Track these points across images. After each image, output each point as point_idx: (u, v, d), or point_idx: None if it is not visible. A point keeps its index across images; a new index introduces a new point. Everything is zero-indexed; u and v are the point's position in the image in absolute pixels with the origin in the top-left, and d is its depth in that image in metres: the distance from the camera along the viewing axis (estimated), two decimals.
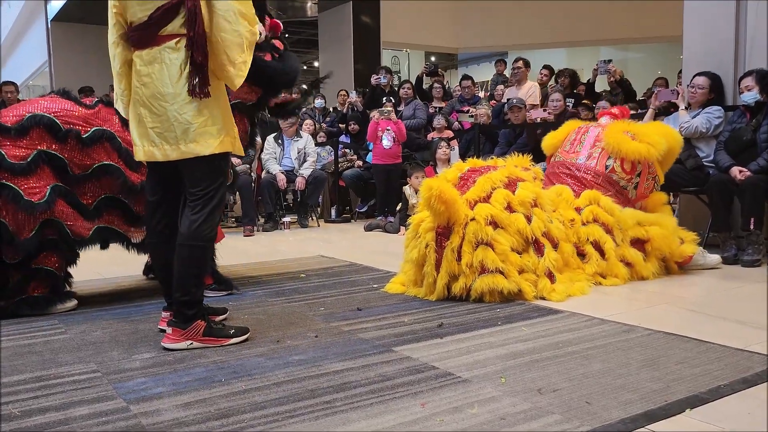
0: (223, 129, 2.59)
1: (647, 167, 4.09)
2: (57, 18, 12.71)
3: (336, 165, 8.00)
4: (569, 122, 4.56)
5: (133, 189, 3.41)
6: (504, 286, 3.26)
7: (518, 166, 3.83)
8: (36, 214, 3.13)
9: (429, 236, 3.42)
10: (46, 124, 3.23)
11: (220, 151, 2.57)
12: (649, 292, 3.54)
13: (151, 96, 2.55)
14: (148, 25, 2.51)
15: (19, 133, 3.18)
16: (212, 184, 2.60)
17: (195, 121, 2.51)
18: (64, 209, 3.24)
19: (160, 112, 2.54)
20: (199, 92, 2.49)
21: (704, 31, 5.00)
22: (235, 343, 2.64)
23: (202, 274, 2.70)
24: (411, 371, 2.26)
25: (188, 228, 2.58)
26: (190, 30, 2.45)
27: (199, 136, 2.52)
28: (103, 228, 3.43)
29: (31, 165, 3.16)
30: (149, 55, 2.54)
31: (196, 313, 2.62)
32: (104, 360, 2.49)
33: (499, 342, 2.60)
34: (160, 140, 2.57)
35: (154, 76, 2.53)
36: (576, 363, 2.31)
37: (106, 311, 3.33)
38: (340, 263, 4.68)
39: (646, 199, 4.17)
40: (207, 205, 2.59)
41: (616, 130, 4.12)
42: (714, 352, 2.41)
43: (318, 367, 2.33)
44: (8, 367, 2.42)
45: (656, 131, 4.15)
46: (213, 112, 2.55)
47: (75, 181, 3.31)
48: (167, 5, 2.48)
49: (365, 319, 3.03)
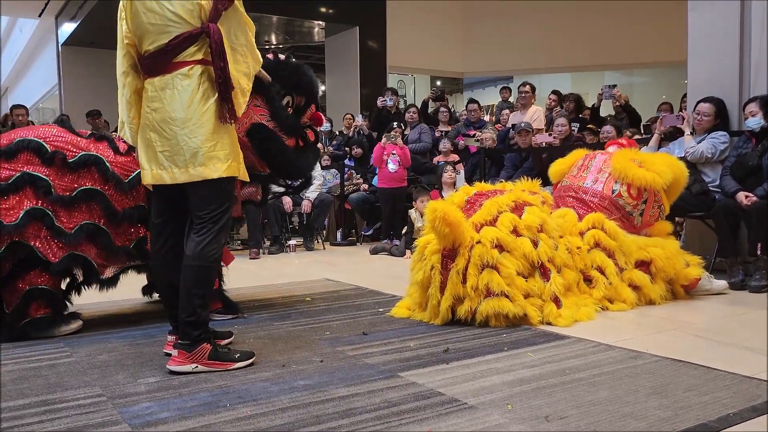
0: (231, 154, 2.64)
1: (653, 195, 4.09)
2: (67, 42, 12.88)
3: (342, 188, 8.02)
4: (576, 151, 4.57)
5: (117, 216, 3.37)
6: (509, 310, 3.25)
7: (526, 190, 3.83)
8: (4, 234, 3.12)
9: (434, 258, 3.42)
10: (33, 148, 3.26)
11: (228, 175, 2.62)
12: (656, 317, 3.52)
13: (161, 121, 2.59)
14: (165, 53, 2.57)
15: (7, 155, 3.22)
16: (219, 207, 2.64)
17: (204, 145, 2.56)
18: (38, 232, 3.20)
19: (170, 135, 2.58)
20: (230, 119, 2.61)
21: (708, 56, 5.03)
22: (240, 368, 2.64)
23: (208, 295, 2.71)
24: (417, 397, 2.25)
25: (194, 249, 2.61)
26: (220, 60, 2.53)
27: (208, 160, 2.57)
28: (77, 255, 3.31)
29: (11, 186, 3.17)
30: (161, 81, 2.60)
31: (202, 334, 2.62)
32: (109, 384, 2.48)
33: (506, 368, 2.59)
34: (169, 163, 2.61)
35: (165, 102, 2.58)
36: (583, 390, 2.30)
37: (111, 334, 3.33)
38: (346, 287, 4.67)
39: (651, 227, 4.16)
40: (213, 227, 2.63)
41: (623, 156, 4.14)
42: (722, 379, 2.39)
43: (323, 392, 2.32)
44: (14, 391, 2.42)
45: (663, 161, 4.16)
46: (222, 138, 2.61)
47: (58, 202, 3.26)
48: (186, 34, 2.55)
49: (371, 344, 3.02)
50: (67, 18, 12.61)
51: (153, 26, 2.58)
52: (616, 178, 4.08)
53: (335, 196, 7.91)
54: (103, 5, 10.09)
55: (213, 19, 2.54)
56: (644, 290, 3.77)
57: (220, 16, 2.56)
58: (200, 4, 2.53)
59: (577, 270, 3.70)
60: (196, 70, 2.56)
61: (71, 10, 12.08)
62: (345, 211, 8.06)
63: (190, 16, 2.54)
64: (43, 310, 3.27)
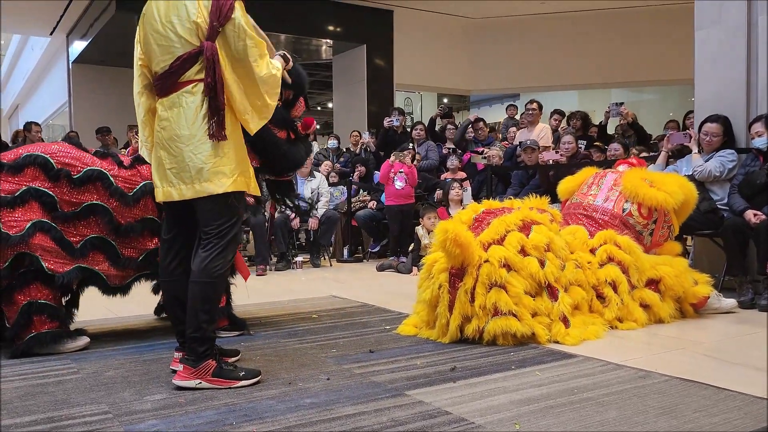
0: (237, 169, 2.65)
1: (663, 215, 4.09)
2: (78, 60, 13.04)
3: (349, 205, 8.04)
4: (586, 169, 4.57)
5: (120, 229, 3.40)
6: (517, 329, 3.23)
7: (534, 208, 3.82)
8: (9, 246, 3.16)
9: (442, 277, 3.41)
10: (40, 163, 3.30)
11: (233, 189, 2.62)
12: (664, 336, 3.49)
13: (169, 138, 2.63)
14: (170, 74, 2.62)
15: (14, 169, 3.26)
16: (226, 222, 2.65)
17: (209, 161, 2.58)
18: (45, 244, 3.23)
19: (177, 153, 2.61)
20: (216, 135, 2.58)
21: (715, 75, 5.04)
22: (244, 386, 2.63)
23: (214, 311, 2.70)
24: (424, 416, 2.23)
25: (199, 265, 2.62)
26: (208, 76, 2.54)
27: (213, 175, 2.59)
28: (84, 268, 3.35)
29: (17, 199, 3.22)
30: (169, 101, 2.64)
31: (207, 350, 2.62)
32: (116, 401, 2.48)
33: (513, 387, 2.57)
34: (177, 180, 2.63)
35: (172, 120, 2.62)
36: (592, 410, 2.28)
37: (118, 351, 3.33)
38: (353, 304, 4.67)
39: (661, 247, 4.15)
40: (219, 242, 2.63)
41: (634, 176, 4.14)
42: (733, 400, 2.37)
43: (330, 410, 2.31)
44: (20, 407, 2.42)
45: (674, 181, 4.15)
46: (227, 153, 2.62)
47: (63, 219, 3.32)
48: (185, 55, 2.58)
49: (378, 362, 3.01)
50: (77, 36, 12.77)
51: (160, 48, 2.63)
52: (627, 198, 4.08)
53: (342, 212, 7.92)
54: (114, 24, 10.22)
55: (210, 37, 2.55)
56: (654, 309, 3.74)
57: (217, 34, 2.55)
58: (197, 23, 2.55)
59: (589, 286, 3.68)
60: (199, 88, 2.58)
61: (82, 28, 12.24)
62: (352, 227, 8.07)
63: (190, 36, 2.57)
64: (49, 324, 3.26)
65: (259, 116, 2.69)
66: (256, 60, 2.59)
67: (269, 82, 2.65)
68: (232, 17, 2.54)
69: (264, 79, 2.62)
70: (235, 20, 2.55)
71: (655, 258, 3.93)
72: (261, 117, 2.70)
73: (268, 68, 2.64)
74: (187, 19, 2.56)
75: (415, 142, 8.32)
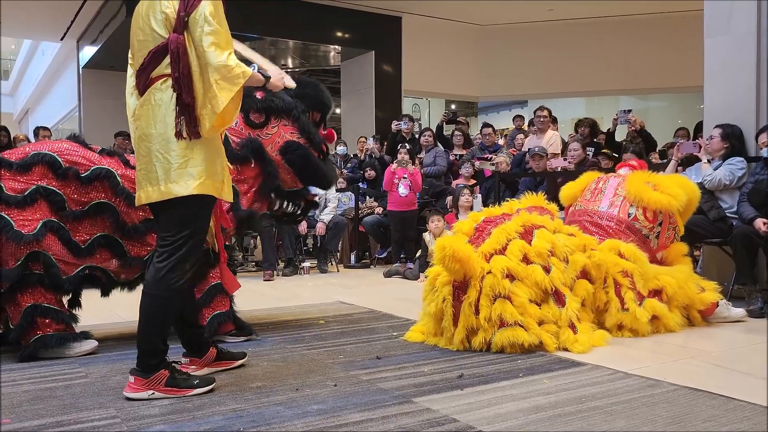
0: (205, 171, 2.51)
1: (668, 217, 4.08)
2: (88, 65, 13.11)
3: (356, 211, 8.05)
4: (587, 173, 4.56)
5: (126, 229, 3.44)
6: (524, 339, 3.22)
7: (534, 206, 3.81)
8: (23, 245, 3.18)
9: (446, 290, 3.40)
10: (48, 162, 3.32)
11: (199, 192, 2.49)
12: (672, 345, 3.47)
13: (138, 138, 2.56)
14: (143, 69, 2.54)
15: (22, 168, 3.29)
16: (182, 231, 2.52)
17: (175, 161, 2.47)
18: (54, 245, 3.27)
19: (145, 153, 2.53)
20: (187, 133, 2.46)
21: (725, 83, 5.03)
22: (198, 394, 2.58)
23: (167, 324, 2.61)
24: (431, 423, 2.23)
25: (153, 276, 2.52)
26: (175, 71, 2.44)
27: (179, 176, 2.47)
28: (92, 267, 3.41)
29: (27, 198, 3.24)
30: (142, 99, 2.58)
31: (159, 362, 2.57)
32: (124, 406, 2.48)
33: (521, 395, 2.56)
34: (145, 182, 2.54)
35: (143, 118, 2.54)
36: (600, 419, 2.27)
37: (126, 355, 3.33)
38: (360, 310, 4.66)
39: (667, 249, 4.13)
40: (174, 254, 2.51)
41: (637, 179, 4.13)
42: (742, 410, 2.35)
43: (337, 417, 2.31)
44: (29, 411, 2.43)
45: (676, 183, 4.15)
46: (196, 154, 2.50)
47: (71, 218, 3.34)
48: (155, 49, 2.51)
49: (385, 368, 3.00)
50: (88, 41, 12.85)
51: (139, 43, 2.57)
52: (632, 202, 4.06)
53: (349, 218, 7.93)
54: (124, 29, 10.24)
55: (176, 29, 2.45)
56: (663, 320, 3.71)
57: (184, 25, 2.44)
58: (165, 14, 2.47)
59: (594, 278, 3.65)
60: (168, 84, 2.48)
61: (92, 33, 12.32)
62: (359, 233, 8.08)
63: (160, 29, 2.49)
64: (54, 327, 3.28)
65: (211, 109, 2.45)
66: (210, 45, 2.42)
67: (221, 71, 2.42)
68: (198, 6, 2.43)
69: (216, 67, 2.42)
70: (199, 9, 2.43)
71: (657, 268, 3.90)
72: (212, 111, 2.45)
73: (223, 58, 2.42)
74: (160, 10, 2.48)
75: (424, 148, 8.32)
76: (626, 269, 3.73)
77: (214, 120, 2.48)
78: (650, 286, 3.78)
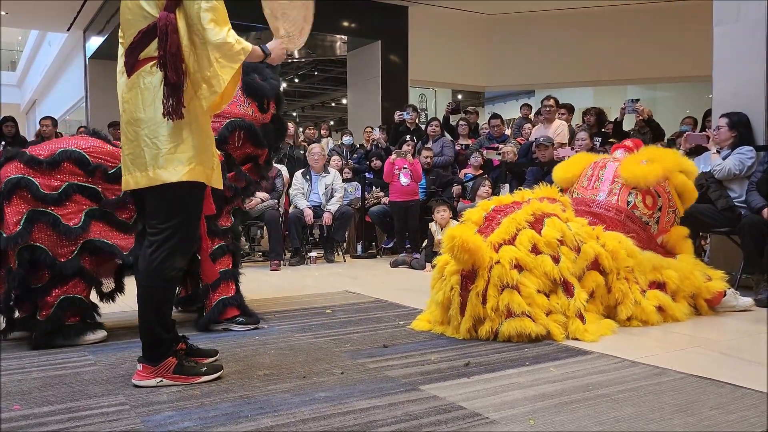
0: (195, 158, 2.46)
1: (667, 201, 4.05)
2: (95, 56, 13.13)
3: (363, 201, 8.05)
4: (581, 154, 4.51)
5: None
6: (532, 330, 3.21)
7: (545, 198, 3.79)
8: (73, 237, 3.26)
9: (454, 279, 3.39)
10: (76, 159, 3.35)
11: (189, 179, 2.43)
12: (679, 334, 3.47)
13: (126, 122, 2.51)
14: (132, 50, 2.48)
15: (51, 165, 3.31)
16: (171, 218, 2.47)
17: (164, 146, 2.41)
18: (102, 229, 3.38)
19: (133, 137, 2.48)
20: (173, 113, 2.39)
21: (734, 72, 5.00)
22: (205, 381, 2.60)
23: (166, 314, 2.59)
24: (438, 411, 2.24)
25: (146, 267, 2.48)
26: (161, 49, 2.37)
27: (168, 162, 2.41)
28: None
29: (62, 195, 3.28)
30: (130, 81, 2.51)
31: (166, 350, 2.58)
32: (132, 393, 2.50)
33: (528, 383, 2.57)
34: (133, 167, 2.48)
35: (131, 102, 2.49)
36: (607, 406, 2.27)
37: (135, 343, 3.34)
38: (366, 299, 4.68)
39: (668, 233, 4.11)
40: (165, 243, 2.47)
41: (630, 163, 4.10)
42: (750, 398, 2.35)
43: (344, 404, 2.32)
44: (39, 398, 2.45)
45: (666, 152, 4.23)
46: (185, 139, 2.44)
47: (111, 204, 3.42)
48: (145, 29, 2.44)
49: (391, 357, 3.01)
50: (94, 32, 12.87)
51: (127, 22, 2.51)
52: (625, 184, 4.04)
53: (356, 208, 7.93)
54: None
55: (167, 6, 2.37)
56: (669, 311, 3.70)
57: (177, 4, 2.38)
58: None
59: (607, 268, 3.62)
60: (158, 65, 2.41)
61: (99, 24, 12.33)
62: (365, 223, 8.08)
63: (152, 8, 2.42)
64: (73, 318, 3.34)
65: (209, 89, 2.42)
66: (209, 22, 2.37)
67: (222, 49, 2.38)
68: None
69: (216, 45, 2.37)
70: None
71: (658, 261, 3.86)
72: (211, 90, 2.42)
73: (223, 35, 2.38)
74: None
75: (431, 138, 8.31)
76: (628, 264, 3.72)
77: (213, 100, 2.46)
78: (649, 279, 3.77)
